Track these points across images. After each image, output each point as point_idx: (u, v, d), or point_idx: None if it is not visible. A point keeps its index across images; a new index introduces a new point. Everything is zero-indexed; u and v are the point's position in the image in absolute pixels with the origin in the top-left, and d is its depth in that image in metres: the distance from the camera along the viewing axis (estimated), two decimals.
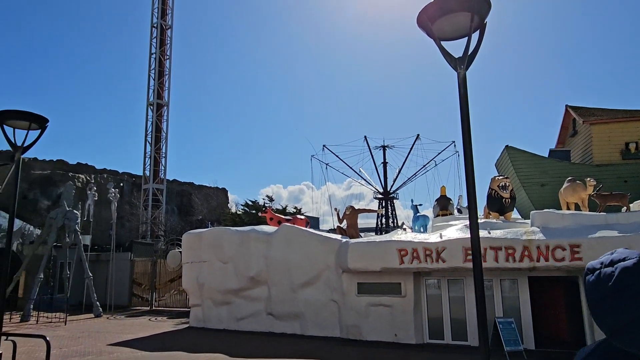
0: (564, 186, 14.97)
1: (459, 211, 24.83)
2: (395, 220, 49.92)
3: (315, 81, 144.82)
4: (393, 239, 13.07)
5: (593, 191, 13.81)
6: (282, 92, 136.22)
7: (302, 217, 18.76)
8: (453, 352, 11.72)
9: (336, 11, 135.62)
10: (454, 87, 4.06)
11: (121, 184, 45.86)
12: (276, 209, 28.30)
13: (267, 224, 17.38)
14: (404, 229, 16.11)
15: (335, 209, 16.87)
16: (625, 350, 0.84)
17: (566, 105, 24.70)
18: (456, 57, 4.06)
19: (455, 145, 45.67)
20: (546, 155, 22.88)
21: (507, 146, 21.58)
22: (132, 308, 23.77)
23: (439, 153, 46.96)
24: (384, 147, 49.56)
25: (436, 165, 48.00)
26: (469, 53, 4.01)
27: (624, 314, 0.82)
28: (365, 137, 48.33)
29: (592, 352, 0.95)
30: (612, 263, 0.89)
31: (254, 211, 28.39)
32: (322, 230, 20.94)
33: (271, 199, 30.80)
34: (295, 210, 29.83)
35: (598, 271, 0.91)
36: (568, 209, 14.63)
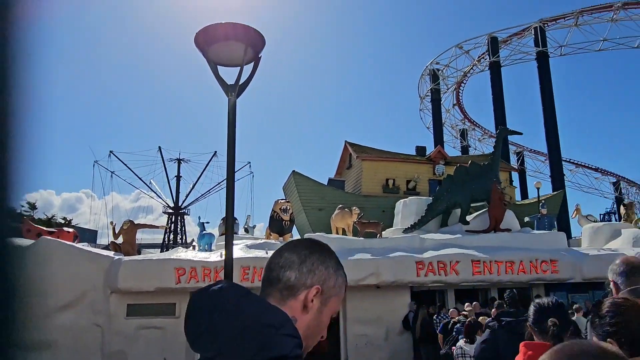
0: (335, 212, 16.79)
1: (246, 230, 25.47)
2: (184, 237, 48.41)
3: (103, 80, 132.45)
4: (171, 257, 12.60)
5: (357, 218, 15.86)
6: (58, 83, 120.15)
7: (70, 230, 16.59)
8: None
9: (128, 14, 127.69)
10: (251, 109, 4.16)
11: None
12: (39, 218, 24.42)
13: (23, 236, 14.80)
14: (194, 247, 15.81)
15: (111, 223, 15.45)
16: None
17: (345, 141, 27.97)
18: (229, 83, 4.18)
19: (250, 165, 47.08)
20: (326, 183, 25.44)
21: (293, 171, 23.24)
22: None
23: (235, 172, 47.54)
24: (179, 160, 47.99)
25: None
26: (241, 82, 4.17)
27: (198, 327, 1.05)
28: (159, 147, 45.98)
29: None
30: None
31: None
32: (99, 246, 18.90)
33: (34, 207, 26.46)
34: (64, 222, 26.26)
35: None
36: (337, 233, 16.45)
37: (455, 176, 16.63)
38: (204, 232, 16.52)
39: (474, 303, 11.21)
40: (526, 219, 19.74)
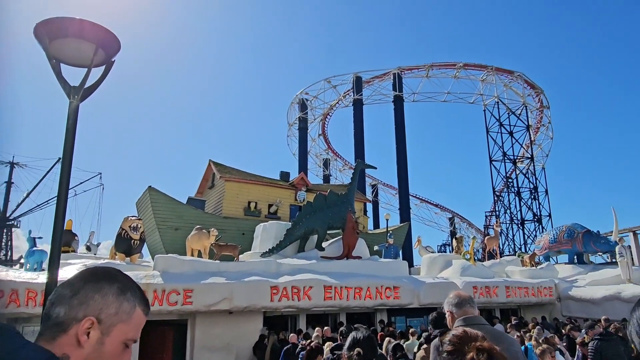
0: (191, 233, 16.05)
1: (88, 248, 22.99)
2: (10, 253, 41.97)
3: None
4: None
5: (214, 240, 15.36)
6: None
7: None
8: None
9: None
10: (108, 115, 3.70)
11: None
12: None
13: None
14: (22, 264, 13.78)
15: None
16: None
17: (210, 160, 27.20)
18: (72, 85, 3.75)
19: (101, 177, 43.03)
20: (185, 202, 24.30)
21: (149, 187, 21.77)
22: None
23: (82, 182, 43.01)
24: (11, 164, 41.77)
25: (76, 194, 43.60)
26: (87, 86, 3.77)
27: None
28: None
29: None
30: None
31: None
32: None
33: None
34: None
35: None
36: (193, 255, 15.70)
37: (314, 203, 17.21)
38: (35, 248, 14.58)
39: (325, 328, 11.51)
40: (375, 247, 21.22)
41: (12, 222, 42.30)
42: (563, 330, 11.38)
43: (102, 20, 3.88)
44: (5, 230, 41.82)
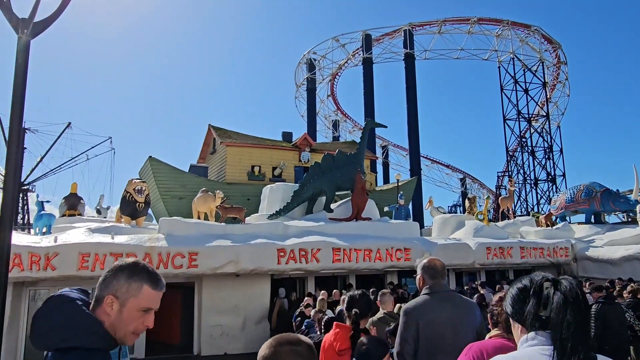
0: (197, 196, 15.72)
1: (99, 212, 22.93)
2: (27, 217, 42.47)
3: None
4: None
5: (220, 202, 15.01)
6: None
7: None
8: None
9: None
10: (142, 79, 3.16)
11: None
12: None
13: None
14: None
15: None
16: None
17: (209, 125, 26.52)
18: (21, 17, 3.19)
19: (111, 141, 42.70)
20: (187, 170, 23.90)
21: (150, 157, 21.35)
22: None
23: (93, 147, 42.80)
24: (24, 129, 41.59)
25: (88, 159, 43.50)
26: (37, 20, 3.20)
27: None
28: None
29: None
30: None
31: None
32: None
33: None
34: None
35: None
36: (199, 217, 15.42)
37: (322, 164, 16.68)
38: (43, 212, 14.33)
39: (334, 291, 11.23)
40: (385, 208, 20.77)
41: (27, 186, 42.50)
42: None
43: None
44: (21, 195, 42.11)
